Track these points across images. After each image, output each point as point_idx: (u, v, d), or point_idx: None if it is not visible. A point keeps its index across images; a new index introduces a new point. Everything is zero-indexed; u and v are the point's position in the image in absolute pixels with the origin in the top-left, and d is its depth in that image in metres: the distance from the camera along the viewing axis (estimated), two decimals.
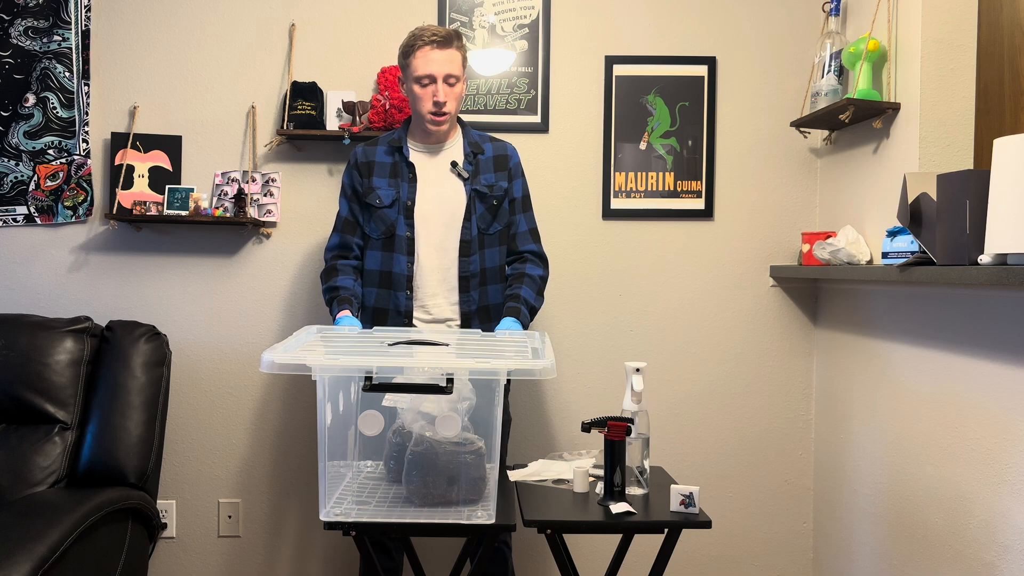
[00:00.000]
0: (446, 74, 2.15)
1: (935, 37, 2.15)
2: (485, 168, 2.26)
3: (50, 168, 2.68)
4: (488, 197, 2.24)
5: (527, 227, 2.32)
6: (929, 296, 2.09)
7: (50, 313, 2.68)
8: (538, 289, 2.25)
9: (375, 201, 2.22)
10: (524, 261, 2.29)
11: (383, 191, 2.22)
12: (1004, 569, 1.80)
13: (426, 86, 2.15)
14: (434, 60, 2.13)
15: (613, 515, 1.76)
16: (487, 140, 2.32)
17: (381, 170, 2.25)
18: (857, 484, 2.45)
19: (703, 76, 2.73)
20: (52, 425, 2.30)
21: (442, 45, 2.14)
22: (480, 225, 2.24)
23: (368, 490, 1.83)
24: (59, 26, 2.67)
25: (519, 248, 2.30)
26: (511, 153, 2.31)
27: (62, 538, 1.85)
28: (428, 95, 2.15)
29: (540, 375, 1.58)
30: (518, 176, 2.31)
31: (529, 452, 2.75)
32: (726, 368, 2.77)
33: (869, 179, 2.42)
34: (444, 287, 2.23)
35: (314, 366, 1.58)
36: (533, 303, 2.22)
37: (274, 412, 2.74)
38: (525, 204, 2.33)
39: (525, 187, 2.33)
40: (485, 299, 2.26)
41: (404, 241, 2.21)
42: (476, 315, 2.25)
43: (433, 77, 2.14)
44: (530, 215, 2.33)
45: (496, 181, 2.26)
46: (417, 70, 2.14)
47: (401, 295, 2.21)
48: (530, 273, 2.25)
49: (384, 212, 2.22)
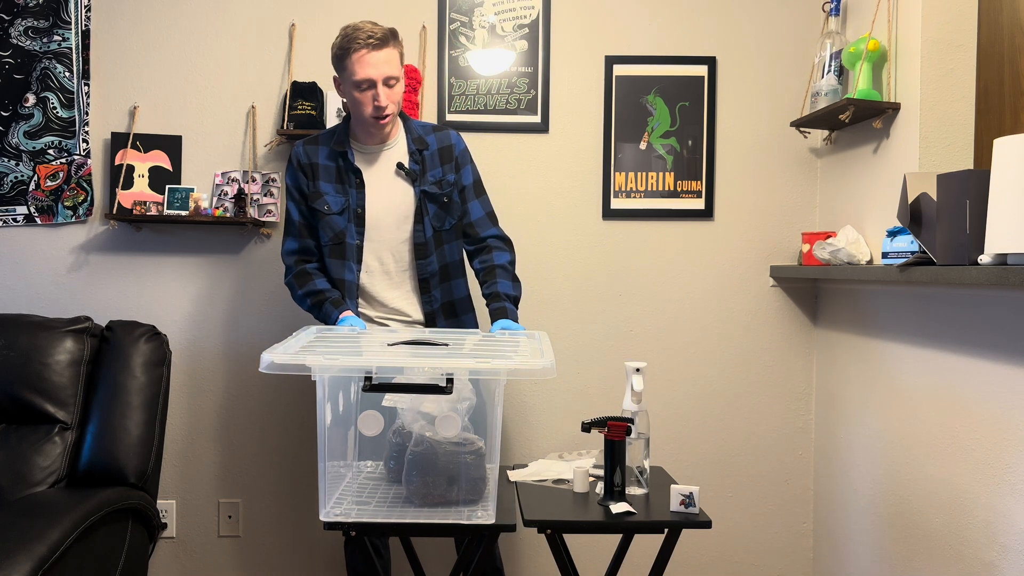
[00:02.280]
0: (385, 76, 2.04)
1: (935, 37, 2.15)
2: (431, 164, 2.19)
3: (50, 168, 2.68)
4: (439, 196, 2.18)
5: (483, 212, 2.24)
6: (929, 296, 2.09)
7: (50, 313, 2.68)
8: (511, 276, 2.19)
9: (323, 207, 2.14)
10: (489, 250, 2.21)
11: (331, 197, 2.15)
12: (1004, 569, 1.80)
13: (365, 90, 2.05)
14: (371, 63, 2.02)
15: (613, 515, 1.76)
16: (430, 131, 2.23)
17: (327, 174, 2.16)
18: (857, 484, 2.45)
19: (703, 76, 2.73)
20: (52, 425, 2.30)
21: (378, 46, 2.03)
22: (435, 224, 2.18)
23: (368, 490, 1.83)
24: (59, 26, 2.67)
25: (480, 235, 2.23)
26: (455, 141, 2.22)
27: (62, 538, 1.84)
28: (368, 99, 2.05)
29: (540, 375, 1.58)
30: (465, 163, 2.23)
31: (529, 452, 2.75)
32: (726, 368, 2.77)
33: (869, 179, 2.42)
34: (399, 291, 2.19)
35: (314, 366, 1.58)
36: (513, 293, 2.16)
37: (274, 412, 2.74)
38: (477, 189, 2.25)
39: (475, 172, 2.25)
40: (448, 295, 2.22)
41: (354, 249, 2.15)
42: (440, 312, 2.21)
43: (372, 81, 2.03)
44: (484, 199, 2.25)
45: (444, 175, 2.19)
46: (355, 74, 2.03)
47: (352, 303, 2.16)
48: (499, 263, 2.19)
49: (333, 219, 2.15)
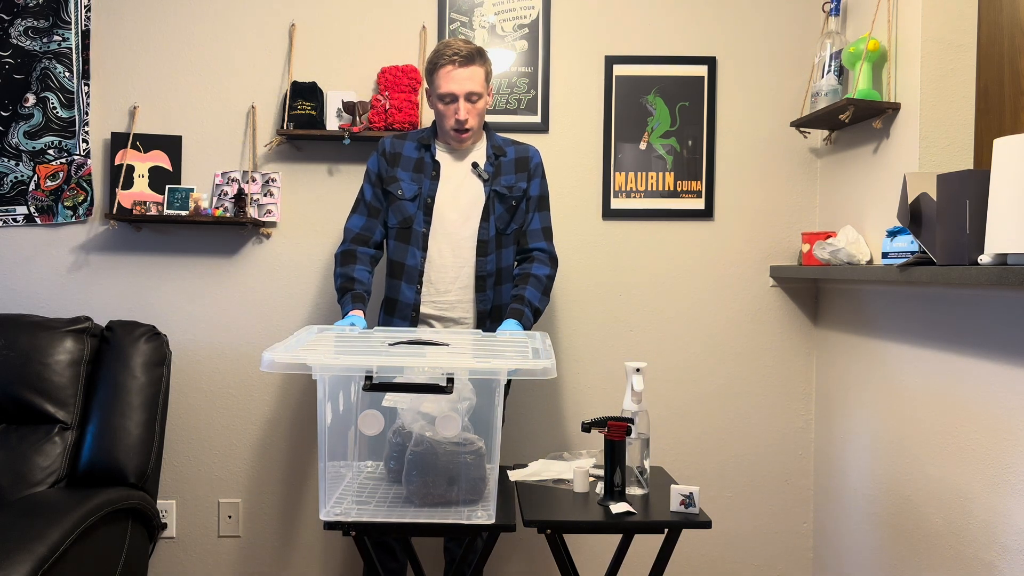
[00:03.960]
0: (467, 92, 2.15)
1: (935, 37, 2.15)
2: (506, 170, 2.28)
3: (50, 168, 2.68)
4: (507, 198, 2.26)
5: (540, 225, 2.32)
6: (929, 296, 2.09)
7: (50, 313, 2.68)
8: (543, 289, 2.25)
9: (396, 191, 2.24)
10: (532, 260, 2.29)
11: (406, 184, 2.24)
12: (1004, 569, 1.80)
13: (448, 103, 2.17)
14: (455, 79, 2.14)
15: (613, 515, 1.76)
16: (510, 144, 2.33)
17: (406, 163, 2.26)
18: (857, 484, 2.45)
19: (703, 76, 2.73)
20: (52, 425, 2.30)
21: (464, 63, 2.14)
22: (498, 225, 2.26)
23: (368, 490, 1.83)
24: (59, 26, 2.66)
25: (529, 244, 2.30)
26: (532, 154, 2.32)
27: (62, 538, 1.85)
28: (450, 113, 2.18)
29: (540, 375, 1.58)
30: (537, 176, 2.31)
31: (529, 452, 2.75)
32: (726, 368, 2.77)
33: (869, 179, 2.42)
34: (457, 285, 2.24)
35: (314, 365, 1.58)
36: (537, 304, 2.22)
37: (274, 412, 2.74)
38: (541, 204, 2.33)
39: (543, 187, 2.34)
40: (499, 298, 2.28)
41: (420, 236, 2.23)
42: (490, 314, 2.27)
43: (455, 96, 2.15)
44: (545, 215, 2.34)
45: (516, 182, 2.28)
46: (439, 88, 2.16)
47: (411, 288, 2.23)
48: (536, 273, 2.25)
49: (404, 204, 2.24)
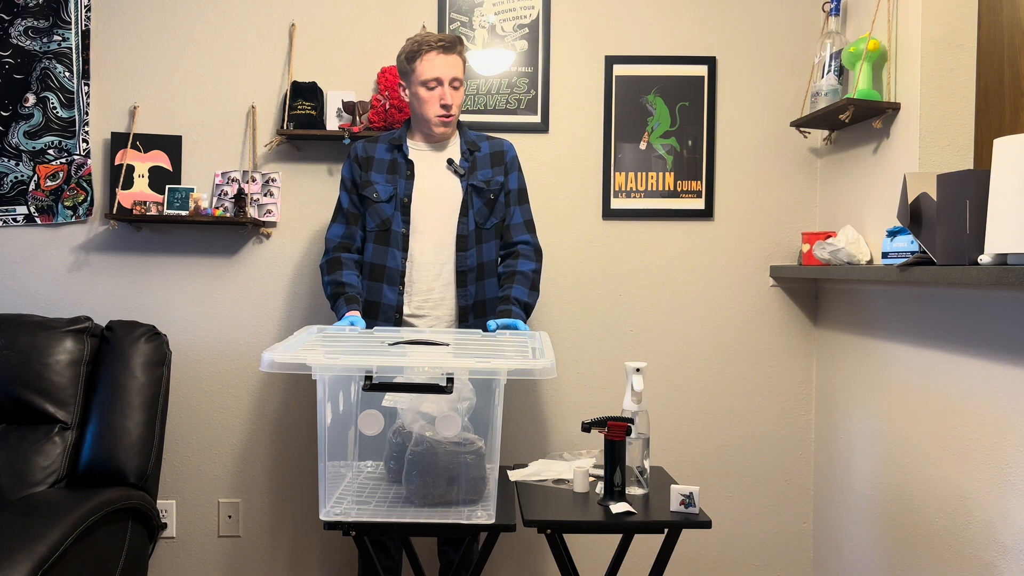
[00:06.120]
0: (452, 77, 2.22)
1: (935, 37, 2.15)
2: (482, 164, 2.31)
3: (50, 168, 2.68)
4: (485, 192, 2.28)
5: (522, 218, 2.34)
6: (929, 296, 2.09)
7: (50, 313, 2.68)
8: (531, 284, 2.26)
9: (372, 195, 2.27)
10: (516, 256, 2.30)
11: (380, 186, 2.27)
12: (1004, 569, 1.80)
13: (432, 89, 2.22)
14: (440, 64, 2.20)
15: (613, 515, 1.76)
16: (484, 139, 2.37)
17: (379, 166, 2.29)
18: (857, 484, 2.45)
19: (703, 76, 2.73)
20: (52, 425, 2.30)
21: (447, 50, 2.21)
22: (477, 219, 2.28)
23: (368, 490, 1.83)
24: (59, 26, 2.66)
25: (512, 239, 2.32)
26: (507, 148, 2.36)
27: (62, 538, 1.84)
28: (435, 98, 2.22)
29: (540, 375, 1.58)
30: (514, 169, 2.35)
31: (529, 452, 2.75)
32: (726, 368, 2.77)
33: (869, 179, 2.42)
34: (440, 282, 2.26)
35: (314, 365, 1.58)
36: (527, 299, 2.23)
37: (274, 412, 2.74)
38: (521, 197, 2.35)
39: (521, 180, 2.37)
40: (482, 293, 2.29)
41: (399, 236, 2.25)
42: (472, 310, 2.27)
43: (440, 80, 2.21)
44: (526, 207, 2.36)
45: (493, 176, 2.30)
46: (424, 74, 2.20)
47: (392, 290, 2.24)
48: (521, 270, 2.26)
49: (380, 206, 2.26)
